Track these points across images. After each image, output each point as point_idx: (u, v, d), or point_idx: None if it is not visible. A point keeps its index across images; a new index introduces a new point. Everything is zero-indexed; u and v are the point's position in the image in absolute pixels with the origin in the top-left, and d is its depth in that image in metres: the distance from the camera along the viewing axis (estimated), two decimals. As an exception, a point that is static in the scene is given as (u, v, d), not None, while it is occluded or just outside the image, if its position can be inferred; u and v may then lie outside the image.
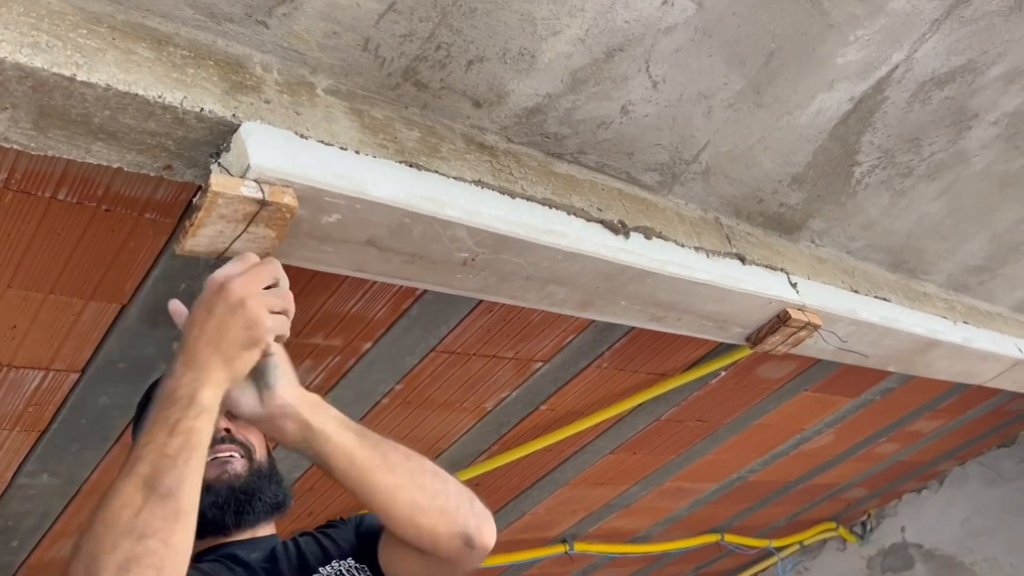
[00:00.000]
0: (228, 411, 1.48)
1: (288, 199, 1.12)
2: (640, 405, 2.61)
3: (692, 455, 3.21)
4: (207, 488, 1.34)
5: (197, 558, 1.35)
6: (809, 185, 1.92)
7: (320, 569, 1.39)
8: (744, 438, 3.23)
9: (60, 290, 1.51)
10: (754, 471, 3.62)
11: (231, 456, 1.43)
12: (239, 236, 1.14)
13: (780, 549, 4.65)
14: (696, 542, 4.06)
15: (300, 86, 1.25)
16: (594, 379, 2.42)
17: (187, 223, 1.11)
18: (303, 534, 1.50)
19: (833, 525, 4.90)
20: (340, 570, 1.39)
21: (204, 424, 1.06)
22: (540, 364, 2.26)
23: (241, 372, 1.10)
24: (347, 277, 1.66)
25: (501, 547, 3.32)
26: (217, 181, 1.08)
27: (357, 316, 1.82)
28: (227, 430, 1.45)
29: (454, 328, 1.97)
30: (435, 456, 2.50)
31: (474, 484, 2.71)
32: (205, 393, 1.07)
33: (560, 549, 3.48)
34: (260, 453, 1.50)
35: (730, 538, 4.20)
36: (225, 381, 1.09)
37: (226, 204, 1.09)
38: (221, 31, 1.16)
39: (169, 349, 1.71)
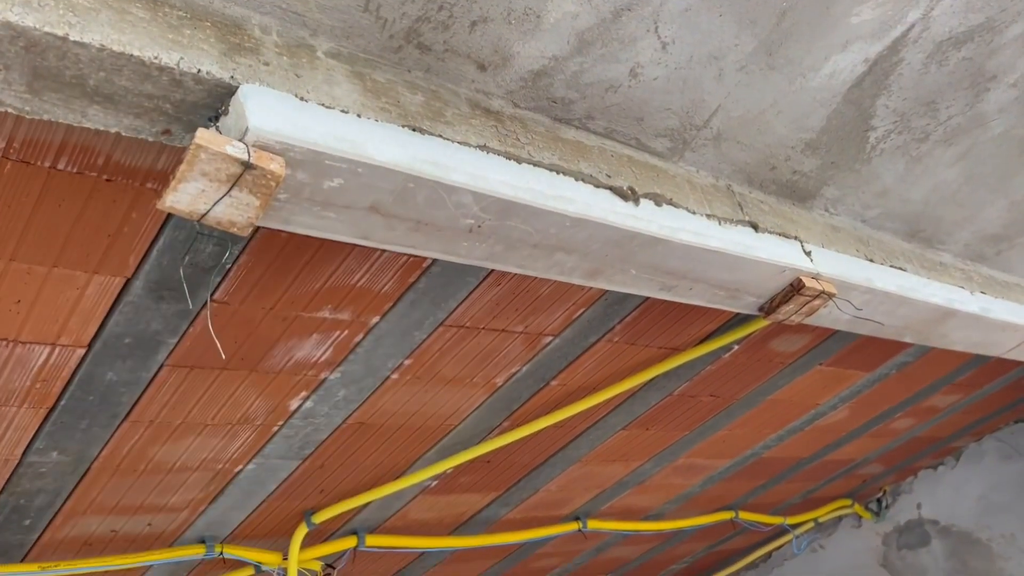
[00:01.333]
0: None
1: (275, 166, 1.09)
2: (652, 380, 2.58)
3: (705, 431, 3.18)
4: None
5: None
6: (823, 151, 1.88)
7: None
8: (758, 413, 3.20)
9: (64, 263, 1.49)
10: (768, 447, 3.60)
11: None
12: (221, 199, 1.11)
13: (795, 526, 4.62)
14: (710, 519, 4.04)
15: (300, 48, 1.22)
16: (605, 353, 2.39)
17: (170, 177, 1.08)
18: None
19: (848, 502, 4.87)
20: None
21: None
22: (550, 338, 2.24)
23: None
24: (354, 247, 1.64)
25: (514, 524, 3.31)
26: (203, 136, 1.05)
27: (364, 289, 1.80)
28: None
29: (462, 302, 1.95)
30: (446, 433, 2.48)
31: (485, 461, 2.71)
32: None
33: (573, 527, 3.47)
34: None
35: (744, 515, 4.18)
36: None
37: (209, 160, 1.06)
38: (218, -9, 1.14)
39: (174, 324, 1.71)
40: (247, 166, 1.06)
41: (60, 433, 1.90)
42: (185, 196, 1.08)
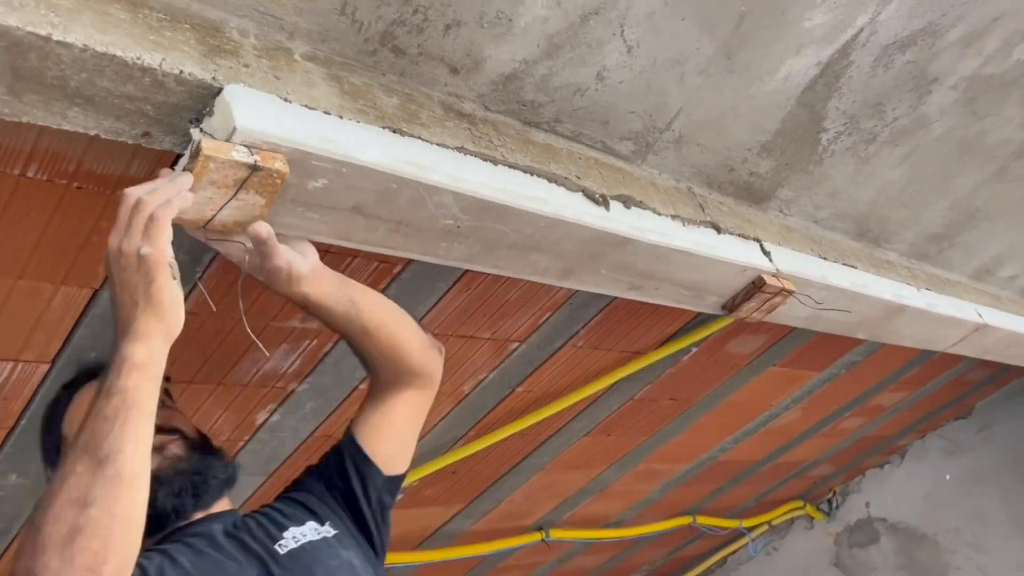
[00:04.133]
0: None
1: (279, 165, 1.10)
2: (614, 384, 2.62)
3: (664, 435, 3.23)
4: (157, 480, 1.28)
5: (158, 543, 1.37)
6: (778, 153, 1.94)
7: (283, 535, 1.41)
8: (715, 417, 3.26)
9: (30, 275, 1.46)
10: (724, 450, 3.67)
11: (168, 442, 1.46)
12: (227, 203, 1.12)
13: (750, 529, 4.71)
14: (669, 525, 4.09)
15: (278, 51, 1.23)
16: (570, 358, 2.42)
17: None
18: (263, 507, 1.52)
19: (800, 503, 4.98)
20: (300, 533, 1.41)
21: (137, 381, 1.02)
22: (517, 344, 2.26)
23: (161, 307, 1.05)
24: (327, 253, 1.63)
25: (478, 536, 3.31)
26: (208, 145, 1.05)
27: (334, 297, 1.79)
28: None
29: (432, 308, 1.96)
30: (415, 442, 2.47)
31: (451, 471, 2.70)
32: (132, 348, 1.04)
33: (537, 537, 3.48)
34: (190, 431, 1.54)
35: (702, 520, 4.25)
36: (154, 331, 1.05)
37: (217, 169, 1.06)
38: (197, -6, 1.14)
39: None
40: (254, 168, 1.07)
41: (19, 455, 1.84)
42: (193, 206, 1.08)
